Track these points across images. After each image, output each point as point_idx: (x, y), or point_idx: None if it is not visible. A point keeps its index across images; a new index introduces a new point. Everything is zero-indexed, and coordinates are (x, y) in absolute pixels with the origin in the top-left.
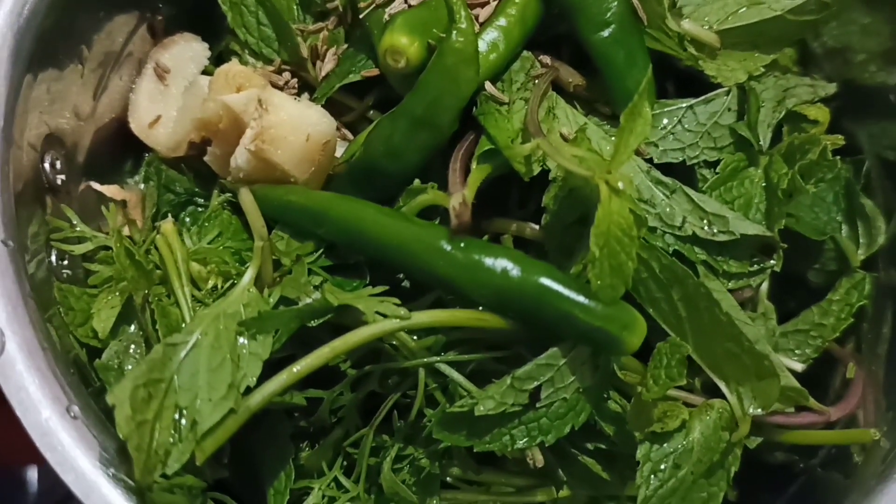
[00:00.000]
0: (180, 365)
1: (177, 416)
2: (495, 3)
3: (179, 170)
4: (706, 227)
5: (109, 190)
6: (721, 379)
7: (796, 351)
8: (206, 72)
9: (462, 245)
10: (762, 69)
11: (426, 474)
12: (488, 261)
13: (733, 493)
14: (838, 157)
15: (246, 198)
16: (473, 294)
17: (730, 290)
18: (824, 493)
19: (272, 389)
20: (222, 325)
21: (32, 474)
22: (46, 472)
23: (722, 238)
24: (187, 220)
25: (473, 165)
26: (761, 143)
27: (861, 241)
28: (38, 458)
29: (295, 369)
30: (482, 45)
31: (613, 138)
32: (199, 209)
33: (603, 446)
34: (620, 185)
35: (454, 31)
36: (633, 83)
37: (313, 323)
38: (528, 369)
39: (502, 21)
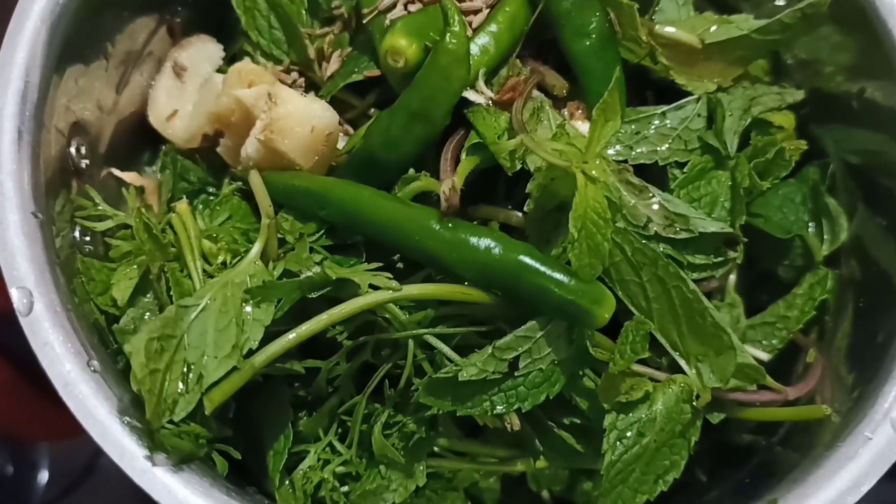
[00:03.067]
0: (190, 325)
1: (185, 369)
2: (487, 11)
3: (194, 160)
4: (668, 226)
5: (129, 177)
6: (682, 356)
7: (763, 342)
8: (220, 71)
9: (450, 225)
10: (731, 81)
11: (414, 440)
12: (473, 240)
13: (704, 474)
14: (793, 158)
15: (255, 179)
16: (460, 270)
17: (694, 281)
18: (781, 465)
19: (275, 350)
20: (230, 292)
21: (44, 459)
22: (57, 459)
23: (684, 235)
24: (200, 206)
25: (463, 156)
26: (728, 149)
27: (825, 237)
28: (51, 436)
29: (296, 333)
30: (474, 48)
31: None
32: (211, 197)
33: (578, 421)
34: (594, 173)
35: (448, 34)
36: (607, 85)
37: (313, 294)
38: (508, 340)
39: (493, 27)
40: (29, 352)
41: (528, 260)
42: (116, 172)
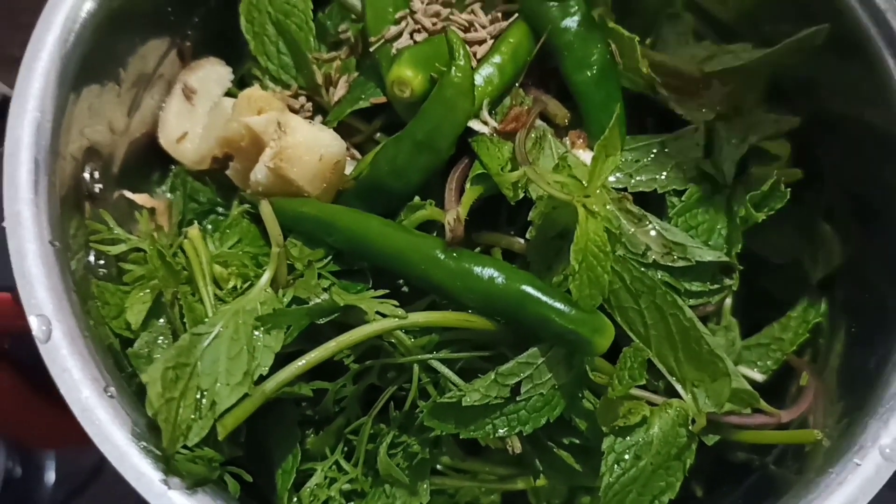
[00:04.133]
0: (203, 352)
1: (198, 396)
2: (491, 41)
3: (203, 181)
4: (666, 254)
5: (140, 198)
6: (678, 381)
7: (758, 363)
8: (229, 93)
9: (455, 255)
10: (729, 109)
11: (418, 460)
12: (477, 269)
13: (700, 490)
14: (788, 189)
15: (265, 209)
16: (464, 298)
17: (691, 307)
18: (774, 485)
19: (284, 377)
20: (241, 319)
21: (51, 461)
22: (65, 460)
23: (681, 264)
24: (209, 227)
25: (467, 186)
26: (725, 178)
27: (820, 261)
28: (58, 443)
29: (305, 360)
30: (479, 79)
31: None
32: (220, 217)
33: (577, 441)
34: (595, 207)
35: (453, 67)
36: (608, 119)
37: (322, 320)
38: (511, 366)
39: (497, 58)
40: (39, 362)
41: (530, 290)
42: (128, 194)
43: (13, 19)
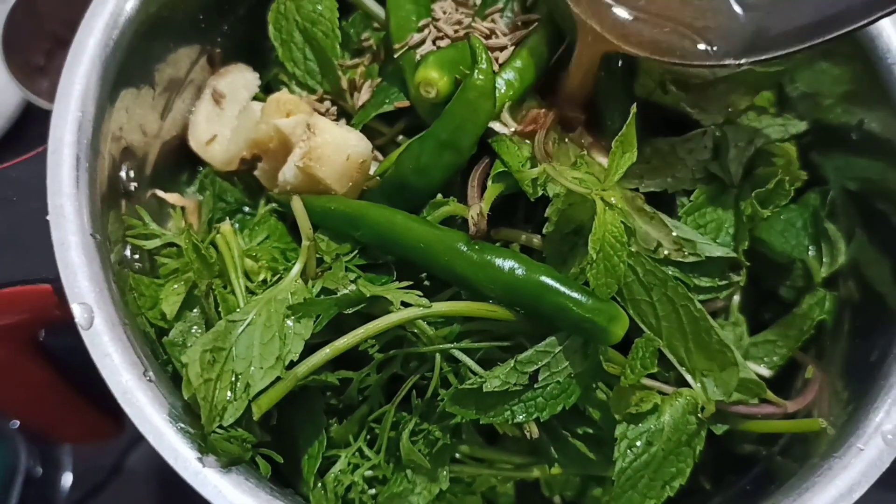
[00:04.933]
0: (238, 338)
1: (233, 379)
2: (513, 48)
3: (231, 182)
4: (677, 250)
5: (172, 197)
6: (688, 371)
7: (765, 359)
8: (256, 97)
9: (477, 248)
10: (739, 112)
11: (439, 446)
12: (499, 261)
13: (707, 482)
14: (793, 188)
15: (297, 204)
16: (485, 289)
17: (700, 302)
18: (780, 475)
19: (315, 362)
20: (273, 308)
21: (69, 460)
22: (83, 460)
23: (691, 259)
24: (236, 225)
25: (489, 183)
26: (732, 179)
27: (824, 260)
28: (82, 437)
29: (334, 346)
30: (500, 83)
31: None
32: (247, 216)
33: (591, 430)
34: (613, 200)
35: (476, 70)
36: (624, 118)
37: (349, 310)
38: (529, 354)
39: (518, 63)
40: (71, 354)
41: (549, 280)
42: (160, 194)
43: (37, 29)
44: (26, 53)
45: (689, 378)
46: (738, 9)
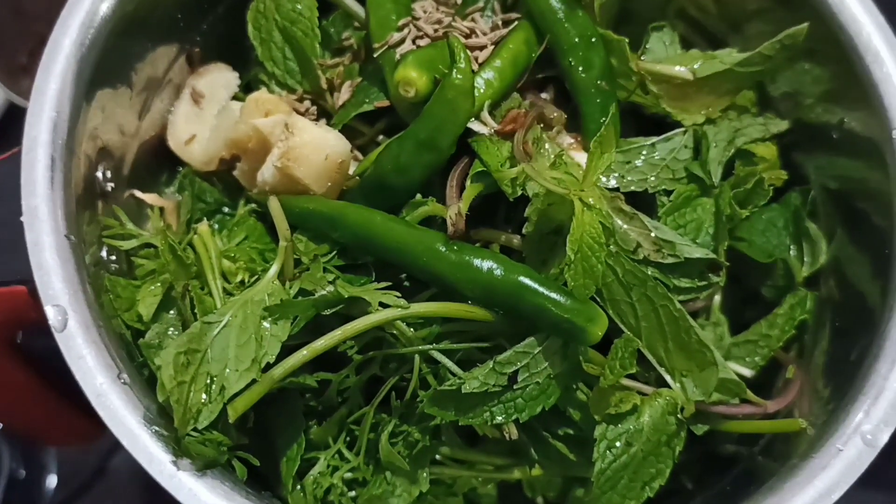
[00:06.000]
0: (213, 340)
1: (208, 381)
2: (492, 47)
3: (210, 182)
4: (656, 251)
5: (150, 198)
6: (667, 371)
7: (746, 359)
8: (235, 97)
9: (456, 248)
10: (719, 112)
11: (418, 448)
12: (477, 261)
13: (689, 482)
14: (772, 187)
15: (274, 204)
16: (464, 289)
17: (680, 303)
18: (761, 475)
19: (292, 364)
20: (249, 309)
21: (53, 462)
22: (67, 462)
23: (670, 260)
24: (216, 225)
25: (468, 183)
26: (713, 179)
27: (805, 260)
28: (63, 439)
29: (312, 348)
30: (479, 82)
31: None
32: (227, 217)
33: (571, 431)
34: (591, 200)
35: (455, 70)
36: (605, 118)
37: (327, 311)
38: (508, 355)
39: (497, 63)
40: (49, 356)
41: (527, 281)
42: (138, 194)
43: (23, 28)
44: (10, 52)
45: (668, 378)
46: None
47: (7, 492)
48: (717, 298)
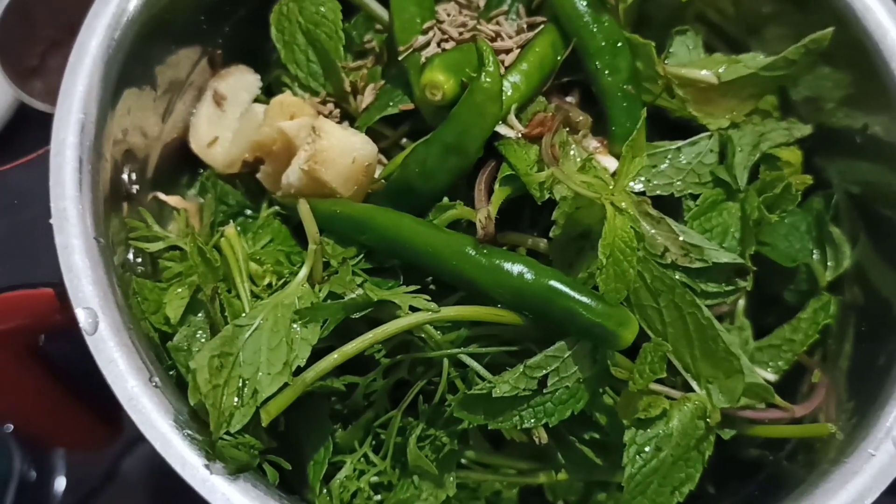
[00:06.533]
0: (245, 343)
1: (240, 384)
2: (518, 51)
3: (233, 184)
4: (684, 256)
5: (173, 200)
6: (693, 378)
7: (770, 363)
8: (257, 99)
9: (485, 252)
10: (743, 116)
11: (445, 452)
12: (507, 265)
13: (712, 487)
14: (799, 192)
15: (303, 207)
16: (494, 293)
17: (707, 307)
18: (788, 480)
19: (323, 367)
20: (280, 313)
21: (63, 466)
22: (77, 466)
23: (698, 265)
24: (238, 228)
25: (496, 187)
26: (738, 183)
27: (829, 264)
28: (78, 444)
29: (342, 351)
30: (506, 86)
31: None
32: (249, 219)
33: (597, 436)
34: (623, 204)
35: (483, 73)
36: (633, 122)
37: (356, 315)
38: (539, 359)
39: (524, 66)
40: (70, 360)
41: (558, 285)
42: (162, 196)
43: (32, 33)
44: (20, 54)
45: (694, 385)
46: None
47: (18, 494)
48: (742, 303)
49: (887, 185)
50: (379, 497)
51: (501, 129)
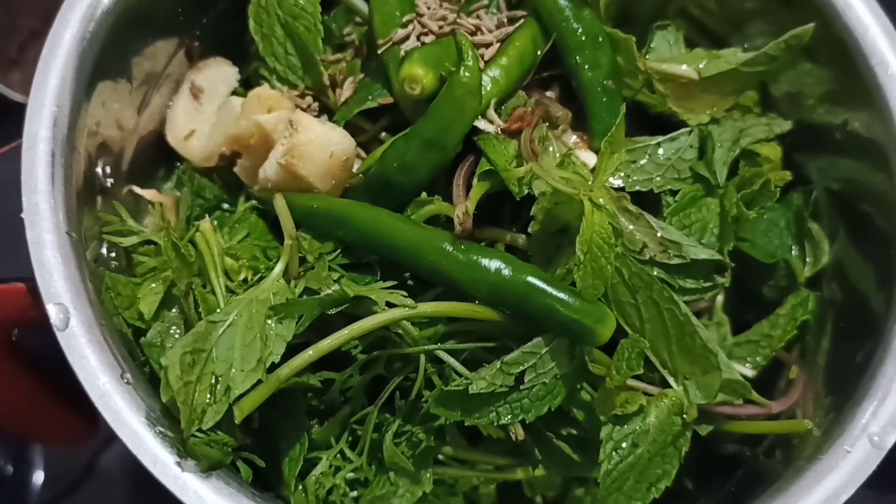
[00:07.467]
0: (218, 339)
1: (213, 381)
2: (498, 45)
3: (210, 178)
4: (662, 252)
5: (149, 194)
6: (670, 374)
7: (748, 359)
8: (235, 92)
9: (463, 247)
10: (724, 112)
11: (422, 448)
12: (485, 261)
13: (691, 483)
14: (778, 188)
15: (279, 202)
16: (471, 289)
17: (685, 303)
18: (765, 476)
19: (298, 364)
20: (254, 308)
21: (41, 460)
22: (55, 460)
23: (676, 261)
24: (215, 222)
25: (474, 182)
26: (718, 179)
27: (808, 260)
28: (56, 438)
29: (317, 348)
30: (486, 80)
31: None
32: (226, 213)
33: (574, 432)
34: (601, 200)
35: (462, 68)
36: (612, 117)
37: (332, 311)
38: (516, 356)
39: (504, 60)
40: (45, 355)
41: (535, 281)
42: (137, 190)
43: (11, 22)
44: None
45: (671, 381)
46: None
47: None
48: (720, 298)
49: (866, 181)
50: (355, 493)
51: (481, 124)
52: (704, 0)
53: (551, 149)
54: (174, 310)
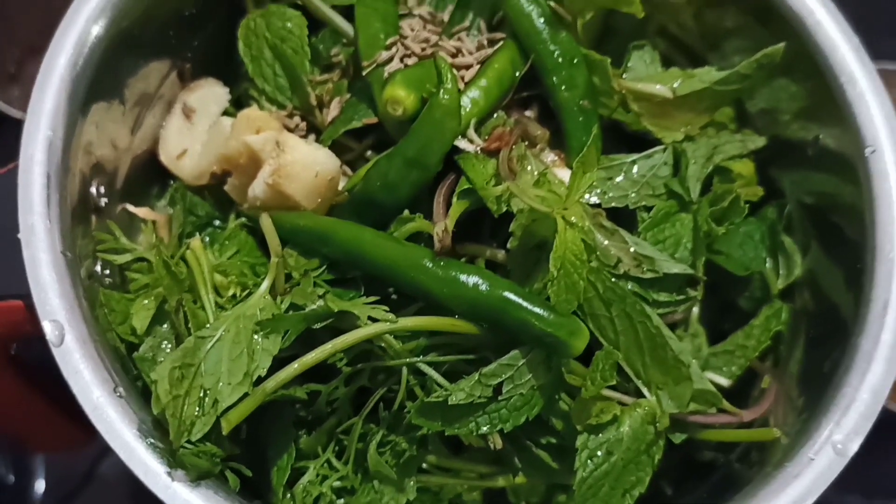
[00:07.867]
0: (207, 354)
1: (202, 394)
2: (478, 66)
3: (201, 196)
4: (636, 266)
5: (142, 212)
6: (644, 384)
7: (723, 369)
8: (226, 112)
9: (442, 264)
10: (699, 129)
11: (405, 457)
12: (463, 277)
13: (669, 488)
14: (748, 204)
15: (265, 221)
16: (450, 304)
17: (659, 316)
18: (738, 481)
19: (284, 377)
20: (242, 324)
21: (42, 468)
22: (55, 467)
23: (650, 275)
24: (206, 238)
25: (454, 200)
26: (691, 195)
27: (781, 272)
28: (55, 446)
29: (302, 361)
30: (465, 101)
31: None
32: (217, 230)
33: (553, 440)
34: (573, 219)
35: (441, 90)
36: (587, 137)
37: (317, 325)
38: (493, 368)
39: (483, 82)
40: (43, 367)
41: (511, 296)
42: (131, 208)
43: (10, 37)
44: None
45: (644, 391)
46: None
47: None
48: (696, 310)
49: (837, 195)
50: (342, 501)
51: (461, 144)
52: (683, 18)
53: (529, 167)
54: (166, 325)
